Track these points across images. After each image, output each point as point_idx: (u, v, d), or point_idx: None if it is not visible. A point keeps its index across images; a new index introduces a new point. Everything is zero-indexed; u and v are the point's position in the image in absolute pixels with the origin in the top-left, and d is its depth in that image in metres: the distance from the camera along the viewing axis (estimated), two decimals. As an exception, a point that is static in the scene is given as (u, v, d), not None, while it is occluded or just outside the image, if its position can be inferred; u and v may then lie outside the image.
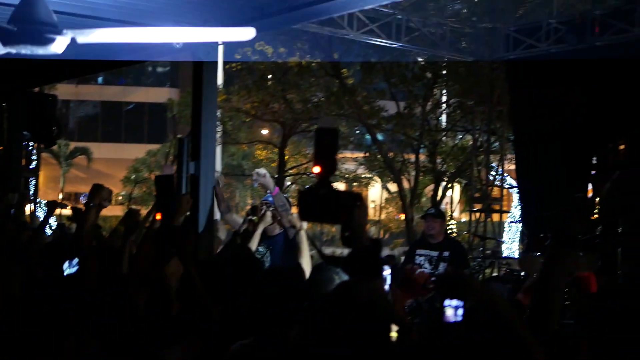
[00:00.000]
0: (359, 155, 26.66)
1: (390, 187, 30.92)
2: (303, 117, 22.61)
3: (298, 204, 2.54)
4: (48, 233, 17.00)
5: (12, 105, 10.25)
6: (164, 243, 4.62)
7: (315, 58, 21.92)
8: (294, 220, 6.21)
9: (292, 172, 28.03)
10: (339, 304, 2.47)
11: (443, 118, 24.11)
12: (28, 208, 13.51)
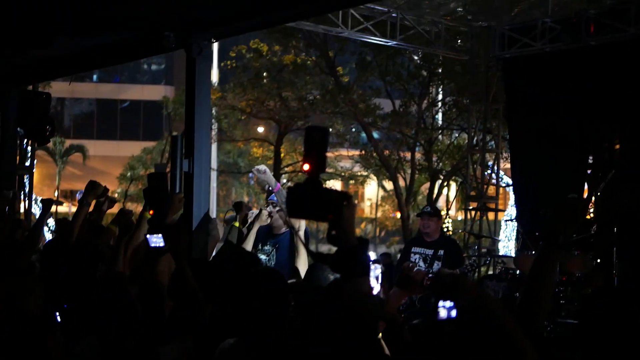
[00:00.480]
0: (355, 153, 26.66)
1: (387, 185, 30.98)
2: (298, 114, 22.61)
3: (286, 201, 2.53)
4: (45, 231, 16.99)
5: (5, 103, 10.22)
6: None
7: (310, 56, 21.92)
8: (292, 221, 6.20)
9: (288, 169, 28.03)
10: (328, 303, 2.47)
11: (439, 116, 24.11)
12: (22, 206, 13.46)
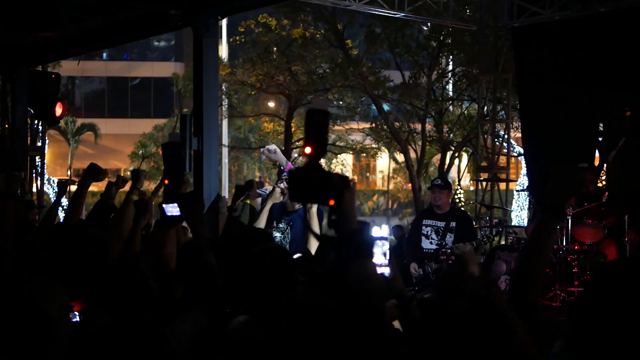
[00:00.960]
0: (365, 126, 26.62)
1: (398, 157, 30.95)
2: (308, 88, 22.56)
3: (288, 185, 2.53)
4: (60, 211, 17.07)
5: (15, 85, 10.26)
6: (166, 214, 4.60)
7: (319, 29, 21.85)
8: None
9: (299, 144, 28.03)
10: (333, 284, 2.49)
11: (449, 87, 24.03)
12: (35, 186, 13.53)
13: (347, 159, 34.81)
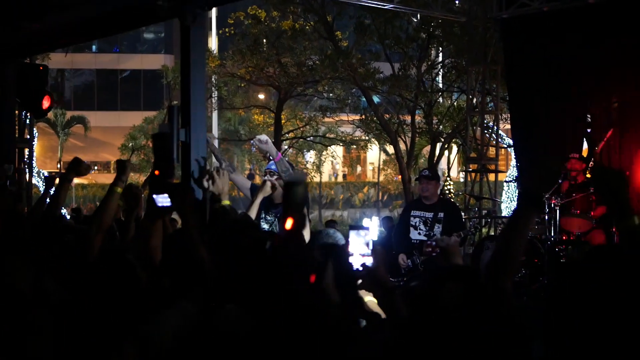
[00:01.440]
0: (355, 118, 26.64)
1: (388, 149, 30.99)
2: (298, 80, 22.57)
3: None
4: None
5: (2, 77, 10.18)
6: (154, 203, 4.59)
7: (309, 21, 21.84)
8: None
9: (289, 135, 28.04)
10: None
11: (438, 79, 24.06)
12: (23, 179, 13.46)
13: (337, 151, 34.84)
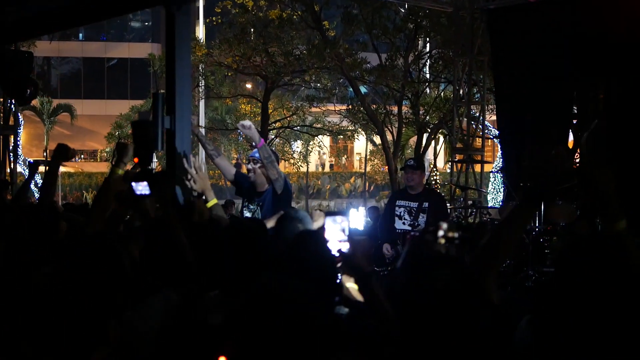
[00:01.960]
0: (342, 108, 26.64)
1: (376, 139, 31.00)
2: (285, 70, 22.51)
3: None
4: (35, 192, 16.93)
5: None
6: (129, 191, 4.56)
7: (296, 10, 21.79)
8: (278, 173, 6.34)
9: (276, 125, 28.01)
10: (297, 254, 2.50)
11: (425, 69, 24.07)
12: (7, 166, 13.42)
13: (324, 141, 34.82)
